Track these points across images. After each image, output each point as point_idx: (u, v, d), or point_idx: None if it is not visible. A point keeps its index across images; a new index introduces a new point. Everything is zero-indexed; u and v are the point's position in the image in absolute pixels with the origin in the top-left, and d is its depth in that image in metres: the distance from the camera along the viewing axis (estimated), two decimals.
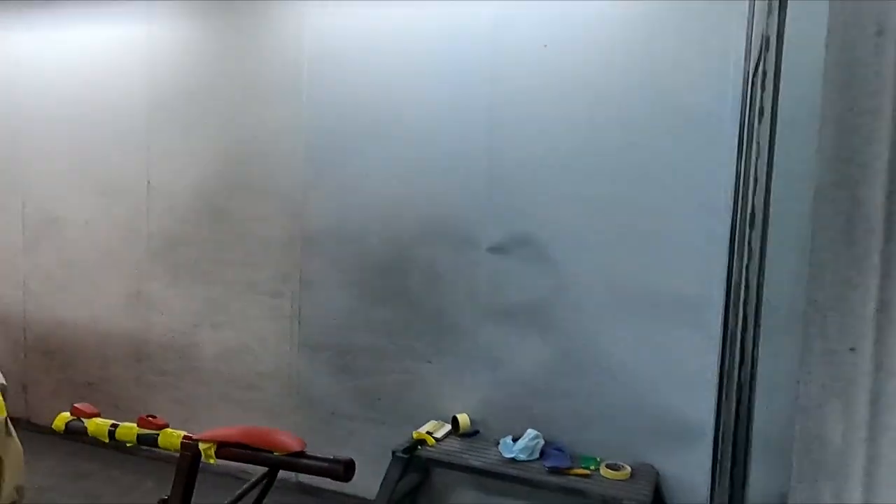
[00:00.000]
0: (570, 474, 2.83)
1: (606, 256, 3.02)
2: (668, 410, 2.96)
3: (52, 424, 1.43)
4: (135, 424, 1.38)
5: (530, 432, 3.02)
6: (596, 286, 3.05)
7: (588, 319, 3.08)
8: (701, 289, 2.87)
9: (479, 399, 3.30)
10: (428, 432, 3.14)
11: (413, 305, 3.41)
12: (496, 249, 3.22)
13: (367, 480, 3.20)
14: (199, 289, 3.90)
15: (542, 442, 3.01)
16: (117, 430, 1.38)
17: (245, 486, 1.35)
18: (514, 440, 3.03)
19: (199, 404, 3.96)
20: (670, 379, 2.95)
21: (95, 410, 1.43)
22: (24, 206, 4.33)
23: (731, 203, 2.73)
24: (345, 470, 1.20)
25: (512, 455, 2.95)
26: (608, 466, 2.87)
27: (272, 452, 1.24)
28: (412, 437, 3.13)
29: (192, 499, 1.32)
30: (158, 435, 1.34)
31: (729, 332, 2.69)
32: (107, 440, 1.38)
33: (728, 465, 2.41)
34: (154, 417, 1.37)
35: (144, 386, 4.10)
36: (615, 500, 2.67)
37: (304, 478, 3.71)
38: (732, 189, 2.72)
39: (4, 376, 2.73)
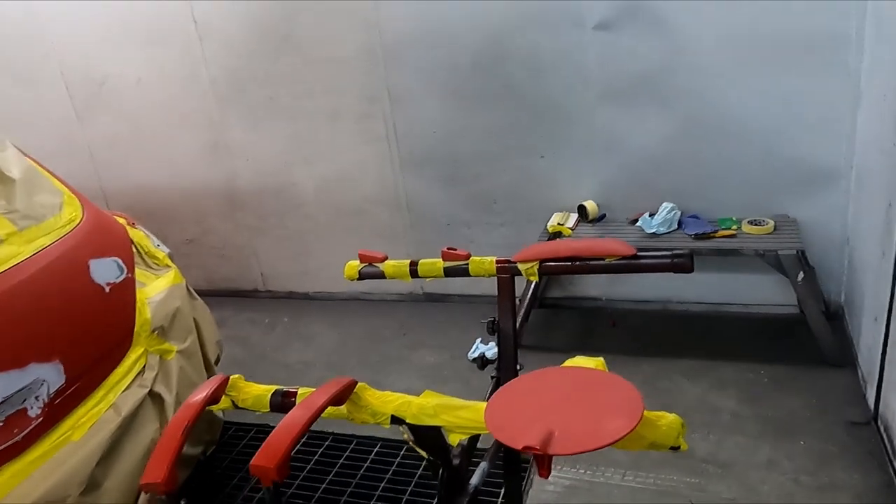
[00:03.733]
0: (715, 237, 2.92)
1: (725, 5, 2.83)
2: (800, 159, 2.96)
3: (344, 275, 1.44)
4: (437, 259, 1.38)
5: (666, 205, 3.06)
6: (716, 43, 2.90)
7: (709, 80, 2.97)
8: (837, 25, 2.72)
9: (600, 183, 3.31)
10: (559, 223, 3.20)
11: (517, 102, 3.29)
12: (603, 25, 3.02)
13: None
14: (281, 126, 3.75)
15: (678, 213, 3.06)
16: (419, 267, 1.38)
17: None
18: (651, 216, 3.08)
19: (308, 238, 4.02)
20: (801, 127, 2.91)
21: (383, 254, 1.42)
22: (62, 73, 4.03)
23: None
24: (691, 261, 1.21)
25: (653, 230, 3.02)
26: (750, 223, 2.94)
27: (603, 259, 1.24)
28: (547, 231, 3.20)
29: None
30: (468, 264, 1.34)
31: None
32: (409, 279, 1.39)
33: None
34: (454, 249, 1.36)
35: (247, 231, 4.13)
36: (770, 251, 2.77)
37: (433, 286, 3.88)
38: None
39: None
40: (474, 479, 1.08)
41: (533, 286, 1.44)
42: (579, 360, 0.85)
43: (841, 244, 3.04)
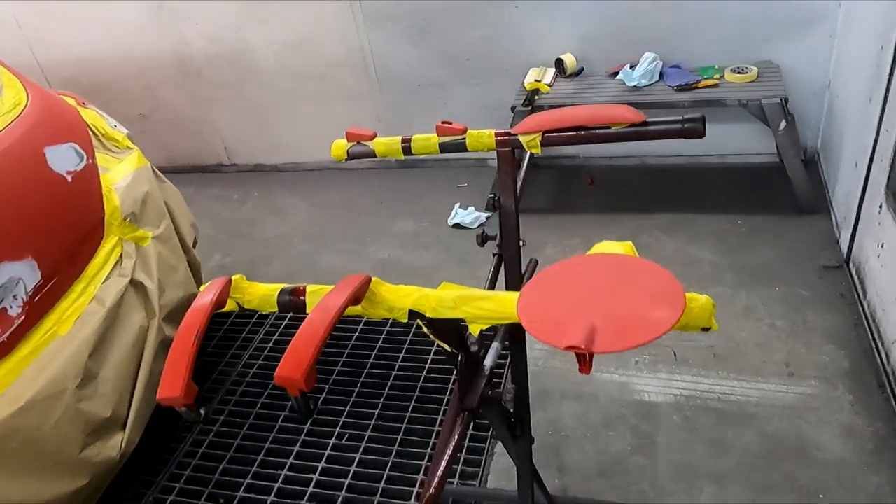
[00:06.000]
0: (697, 87, 2.84)
1: None
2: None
3: (331, 155, 1.35)
4: (430, 134, 1.29)
5: (647, 55, 2.94)
6: None
7: None
8: None
9: (578, 35, 3.14)
10: (536, 80, 3.06)
11: None
12: None
13: None
14: None
15: (660, 63, 2.95)
16: (412, 144, 1.29)
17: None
18: (631, 68, 2.96)
19: (270, 108, 3.81)
20: None
21: (372, 132, 1.32)
22: None
23: None
24: (703, 125, 1.15)
25: (634, 83, 2.92)
26: (733, 71, 2.86)
27: (609, 128, 1.17)
28: (524, 88, 3.07)
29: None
30: (465, 139, 1.26)
31: None
32: (401, 156, 1.31)
33: None
34: (450, 123, 1.27)
35: (203, 104, 3.89)
36: (753, 100, 2.72)
37: None
38: None
39: None
40: (488, 360, 1.07)
41: (528, 157, 1.37)
42: (607, 246, 0.81)
43: (821, 90, 2.99)
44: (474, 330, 0.89)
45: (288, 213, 3.61)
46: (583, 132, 1.19)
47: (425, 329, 0.90)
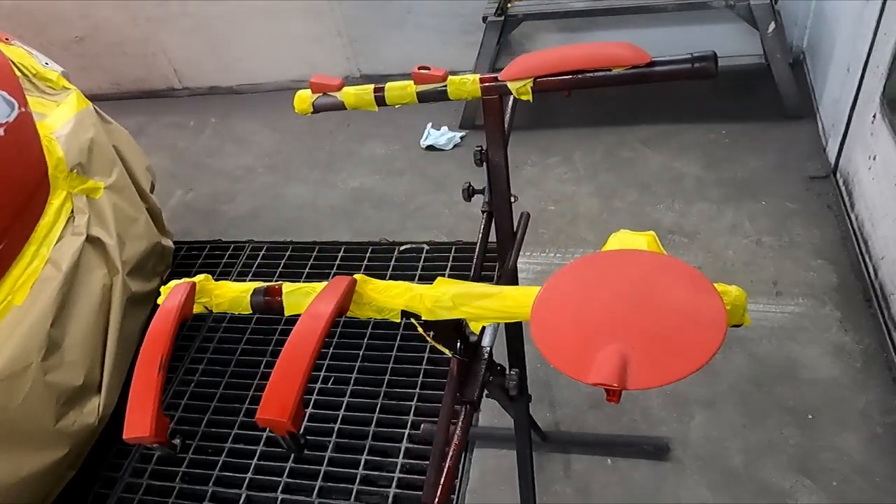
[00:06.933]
0: None
1: None
2: None
3: (294, 109, 1.19)
4: (406, 82, 1.14)
5: None
6: None
7: None
8: None
9: None
10: None
11: None
12: None
13: (454, 52, 3.05)
14: None
15: None
16: (386, 93, 1.14)
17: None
18: None
19: (220, 25, 3.51)
20: None
21: (339, 80, 1.16)
22: None
23: None
24: (715, 64, 1.02)
25: None
26: None
27: (610, 70, 1.04)
28: None
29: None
30: (446, 86, 1.11)
31: None
32: (374, 108, 1.16)
33: None
34: (427, 68, 1.12)
35: (146, 23, 3.57)
36: (741, 2, 2.54)
37: (370, 66, 3.54)
38: None
39: None
40: (486, 340, 0.99)
41: (512, 103, 1.23)
42: (627, 238, 0.71)
43: None
44: (475, 328, 0.80)
45: (249, 141, 3.40)
46: (579, 76, 1.05)
47: (420, 330, 0.80)
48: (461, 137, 3.03)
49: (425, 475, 1.84)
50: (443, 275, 2.39)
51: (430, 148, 3.04)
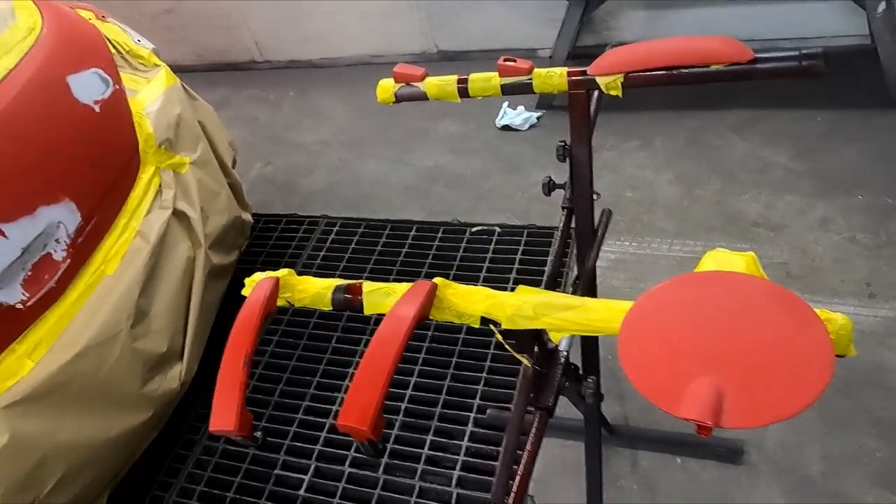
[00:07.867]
0: None
1: None
2: None
3: (377, 98, 1.19)
4: (491, 74, 1.11)
5: None
6: None
7: None
8: None
9: None
10: None
11: None
12: None
13: (533, 28, 2.98)
14: None
15: None
16: (469, 84, 1.12)
17: None
18: None
19: (303, 4, 3.53)
20: None
21: (422, 70, 1.15)
22: None
23: None
24: (824, 61, 0.95)
25: None
26: None
27: (707, 67, 0.98)
28: None
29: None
30: (531, 79, 1.08)
31: None
32: (457, 99, 1.15)
33: None
34: (513, 60, 1.09)
35: None
36: None
37: (448, 43, 3.50)
38: None
39: None
40: (563, 344, 0.97)
41: (597, 96, 1.18)
42: (724, 259, 0.67)
43: None
44: (555, 338, 0.78)
45: (326, 116, 3.45)
46: (674, 72, 1.00)
47: (499, 338, 0.80)
48: (538, 118, 2.97)
49: (489, 460, 1.86)
50: (514, 260, 2.36)
51: (506, 128, 3.00)
